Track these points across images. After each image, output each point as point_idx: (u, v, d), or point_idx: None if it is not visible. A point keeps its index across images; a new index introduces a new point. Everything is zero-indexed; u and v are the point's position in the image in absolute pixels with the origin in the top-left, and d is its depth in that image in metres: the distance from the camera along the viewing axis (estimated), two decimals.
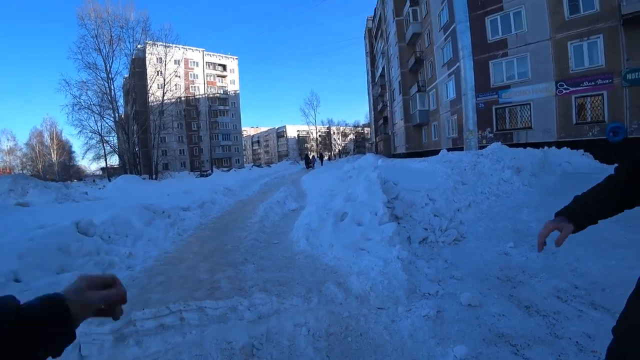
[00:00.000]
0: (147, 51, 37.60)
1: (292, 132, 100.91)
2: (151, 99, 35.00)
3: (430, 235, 4.57)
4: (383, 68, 39.67)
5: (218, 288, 3.05)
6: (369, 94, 56.82)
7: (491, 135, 18.52)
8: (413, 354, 2.05)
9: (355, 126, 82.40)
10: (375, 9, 43.54)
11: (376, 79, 45.46)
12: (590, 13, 15.78)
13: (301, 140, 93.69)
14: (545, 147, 11.39)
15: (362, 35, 58.76)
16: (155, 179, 29.67)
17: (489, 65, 18.77)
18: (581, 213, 1.14)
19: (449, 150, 9.70)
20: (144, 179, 27.10)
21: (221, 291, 2.96)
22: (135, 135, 36.33)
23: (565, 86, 16.56)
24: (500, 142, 10.13)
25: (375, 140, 50.39)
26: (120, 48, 30.23)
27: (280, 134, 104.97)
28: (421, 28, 27.56)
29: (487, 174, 7.54)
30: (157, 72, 34.69)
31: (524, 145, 11.93)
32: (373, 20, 46.83)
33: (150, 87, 34.05)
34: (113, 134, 32.69)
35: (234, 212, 7.86)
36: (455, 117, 21.18)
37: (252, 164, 68.41)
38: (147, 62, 38.02)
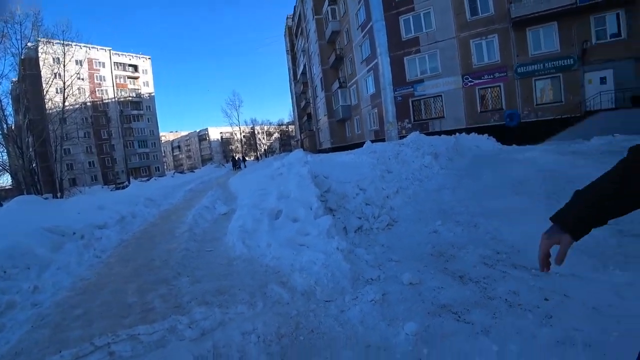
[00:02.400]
0: (41, 50, 32.26)
1: (214, 134, 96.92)
2: (49, 105, 30.47)
3: (364, 223, 4.73)
4: (304, 65, 40.21)
5: (151, 310, 2.75)
6: (291, 92, 57.08)
7: (409, 125, 20.10)
8: (366, 339, 2.09)
9: (280, 125, 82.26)
10: (294, 7, 43.76)
11: (298, 77, 45.87)
12: (487, 15, 18.27)
13: (225, 143, 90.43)
14: (457, 134, 12.65)
15: (282, 34, 58.68)
16: (61, 197, 25.92)
17: (404, 61, 20.42)
18: (575, 220, 0.93)
19: (372, 142, 10.19)
20: (46, 198, 23.46)
21: (155, 312, 2.67)
22: (31, 149, 31.17)
23: (470, 79, 18.86)
24: (418, 132, 10.94)
25: (300, 137, 50.86)
26: (5, 46, 25.53)
27: (202, 137, 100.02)
28: (340, 26, 28.56)
29: (410, 161, 8.08)
30: (55, 74, 30.00)
31: (439, 133, 13.10)
32: (293, 19, 46.99)
33: (47, 91, 29.52)
34: (1, 149, 27.62)
35: (158, 224, 7.24)
36: (376, 111, 22.45)
37: (174, 170, 63.85)
38: (42, 63, 32.61)
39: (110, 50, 51.34)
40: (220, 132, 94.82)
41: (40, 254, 4.52)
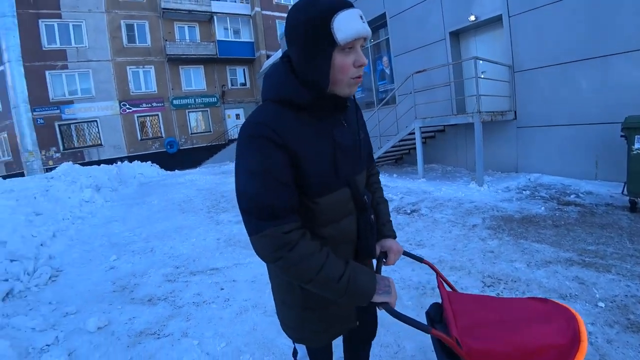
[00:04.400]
0: None
1: None
2: None
3: (15, 285, 3.69)
4: None
5: None
6: None
7: (58, 155, 16.68)
8: None
9: None
10: None
11: None
12: (145, 46, 18.85)
13: None
14: (119, 163, 12.10)
15: None
16: None
17: (46, 75, 16.57)
18: None
19: (4, 177, 7.76)
20: None
21: None
22: None
23: (128, 106, 18.46)
24: (71, 162, 9.60)
25: None
26: None
27: None
28: None
29: (65, 198, 6.96)
30: None
31: (98, 163, 11.95)
32: None
33: None
34: None
35: None
36: (6, 135, 16.77)
37: None
38: None
39: None
40: None
41: None
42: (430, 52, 7.65)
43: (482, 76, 6.22)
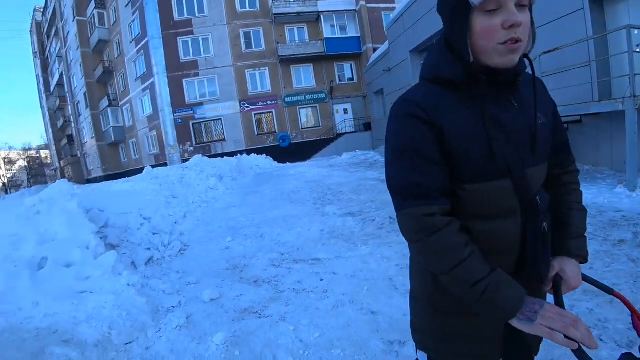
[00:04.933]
0: None
1: None
2: None
3: (155, 253, 4.50)
4: (61, 75, 31.17)
5: None
6: (42, 107, 43.05)
7: (192, 148, 19.86)
8: None
9: (27, 149, 58.45)
10: None
11: (52, 88, 35.11)
12: (260, 50, 20.99)
13: None
14: (239, 155, 13.64)
15: (27, 29, 43.52)
16: None
17: (183, 82, 20.11)
18: None
19: (153, 167, 9.54)
20: None
21: None
22: None
23: (246, 105, 20.91)
24: (201, 155, 11.10)
25: (59, 165, 39.19)
26: None
27: None
28: (109, 35, 24.02)
29: (195, 185, 8.13)
30: None
31: (221, 155, 13.67)
32: (44, 13, 35.31)
33: None
34: None
35: None
36: (155, 133, 20.78)
37: None
38: None
39: None
40: None
41: None
42: (562, 26, 6.37)
43: (639, 50, 4.91)
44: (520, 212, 0.81)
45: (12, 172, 55.12)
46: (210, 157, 11.57)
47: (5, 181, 51.04)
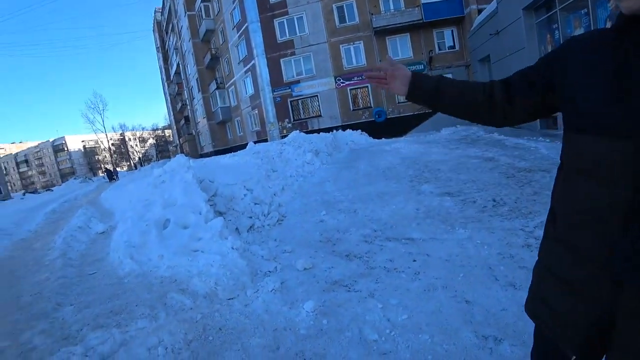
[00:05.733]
0: None
1: (74, 143, 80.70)
2: None
3: (255, 221, 4.89)
4: (178, 65, 37.11)
5: (32, 349, 2.30)
6: (165, 94, 51.70)
7: (290, 125, 20.89)
8: (273, 324, 2.25)
9: (155, 129, 72.65)
10: (163, 0, 39.61)
11: (172, 77, 42.09)
12: (354, 24, 20.44)
13: (89, 153, 76.00)
14: (334, 131, 13.79)
15: (150, 29, 52.34)
16: None
17: (280, 62, 21.00)
18: (416, 87, 1.10)
19: (255, 142, 10.32)
20: None
21: (38, 352, 2.26)
22: None
23: (342, 80, 20.83)
24: (298, 131, 11.51)
25: (179, 142, 46.84)
26: None
27: (58, 147, 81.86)
28: (215, 25, 27.14)
29: (292, 159, 8.52)
30: None
31: (317, 131, 13.99)
32: (162, 13, 42.26)
33: None
34: None
35: (16, 256, 5.78)
36: (257, 112, 22.52)
37: (24, 190, 48.72)
38: None
39: None
40: (82, 141, 79.23)
41: None
42: None
43: None
44: (625, 200, 0.66)
45: (145, 148, 69.29)
46: (307, 132, 11.95)
47: (140, 156, 64.04)
